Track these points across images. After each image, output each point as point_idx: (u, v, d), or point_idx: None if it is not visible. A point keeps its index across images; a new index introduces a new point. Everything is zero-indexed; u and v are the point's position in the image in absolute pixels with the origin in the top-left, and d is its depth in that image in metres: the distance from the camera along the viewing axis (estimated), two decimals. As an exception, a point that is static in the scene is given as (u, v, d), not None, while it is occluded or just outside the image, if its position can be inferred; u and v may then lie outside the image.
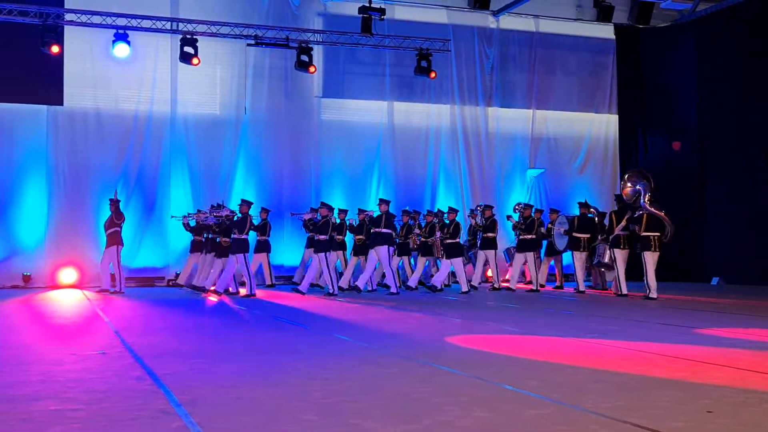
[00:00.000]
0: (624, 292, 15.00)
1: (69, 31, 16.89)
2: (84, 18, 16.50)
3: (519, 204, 17.37)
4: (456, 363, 6.57)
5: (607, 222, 15.96)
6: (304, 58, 17.80)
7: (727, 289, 17.56)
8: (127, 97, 17.92)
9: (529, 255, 16.69)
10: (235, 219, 14.60)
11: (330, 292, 14.77)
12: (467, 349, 7.68)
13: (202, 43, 17.24)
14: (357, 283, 15.60)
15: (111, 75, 17.72)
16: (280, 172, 18.91)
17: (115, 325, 9.81)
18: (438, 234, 16.26)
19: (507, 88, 20.71)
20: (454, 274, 17.51)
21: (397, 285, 15.35)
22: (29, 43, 16.26)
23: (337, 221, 16.26)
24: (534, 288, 16.58)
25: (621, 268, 15.12)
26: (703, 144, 19.86)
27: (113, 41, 16.65)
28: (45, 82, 17.01)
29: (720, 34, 19.29)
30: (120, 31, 16.61)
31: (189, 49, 17.01)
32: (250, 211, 14.88)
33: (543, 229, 17.23)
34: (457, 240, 16.09)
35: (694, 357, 6.92)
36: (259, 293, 15.17)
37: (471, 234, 18.11)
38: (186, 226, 16.59)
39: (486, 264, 17.46)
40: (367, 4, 17.57)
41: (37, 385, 5.69)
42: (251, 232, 15.14)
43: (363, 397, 5.26)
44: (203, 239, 16.19)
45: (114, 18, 16.60)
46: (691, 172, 20.09)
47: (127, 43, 16.69)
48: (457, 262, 16.07)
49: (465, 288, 15.86)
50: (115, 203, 15.49)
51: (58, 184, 17.29)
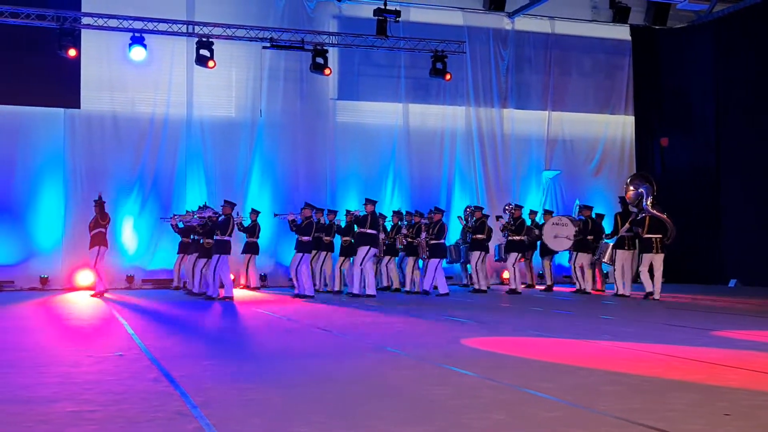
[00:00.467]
0: (622, 292, 15.17)
1: (86, 35, 17.01)
2: (101, 21, 16.61)
3: (509, 204, 17.15)
4: (471, 365, 6.55)
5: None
6: (320, 60, 17.84)
7: (744, 291, 17.44)
8: (144, 100, 18.03)
9: (517, 256, 16.39)
10: (219, 220, 14.25)
11: (304, 293, 14.52)
12: (482, 351, 7.67)
13: (218, 46, 17.31)
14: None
15: (127, 78, 17.84)
16: (295, 175, 18.96)
17: (131, 327, 9.87)
18: (423, 235, 16.04)
19: (522, 90, 20.68)
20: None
21: (363, 287, 14.97)
22: (47, 47, 16.38)
23: (326, 222, 16.23)
24: (513, 288, 16.20)
25: (620, 269, 15.32)
26: (719, 145, 19.74)
27: (130, 44, 16.75)
28: (62, 86, 17.15)
29: (737, 35, 19.18)
30: (136, 34, 16.71)
31: (205, 52, 17.09)
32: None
33: (536, 231, 17.14)
34: (442, 241, 15.80)
35: (710, 359, 6.87)
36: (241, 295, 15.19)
37: (463, 234, 17.87)
38: (174, 228, 16.32)
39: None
40: (382, 6, 17.59)
41: (55, 386, 5.73)
42: (241, 234, 14.99)
43: (376, 399, 5.26)
44: (190, 241, 15.97)
45: (130, 21, 16.70)
46: (707, 173, 19.98)
47: (144, 46, 16.78)
48: (437, 263, 15.68)
49: (444, 290, 15.54)
50: (100, 204, 15.38)
51: (75, 187, 17.41)
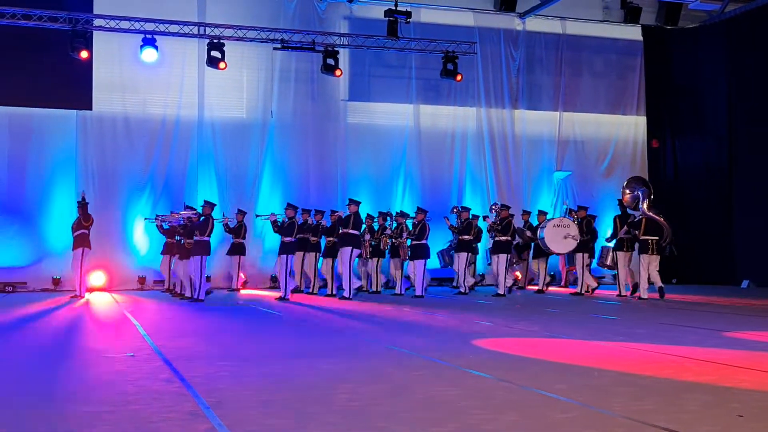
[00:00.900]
0: (624, 293, 15.50)
1: (98, 37, 17.08)
2: (113, 23, 16.68)
3: (495, 204, 16.94)
4: (483, 366, 6.55)
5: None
6: (330, 61, 17.86)
7: (756, 291, 17.35)
8: (155, 101, 18.09)
9: (503, 257, 16.02)
10: (198, 221, 14.09)
11: (282, 296, 14.44)
12: (494, 352, 7.66)
13: (229, 47, 17.35)
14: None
15: (139, 80, 17.90)
16: (306, 176, 18.98)
17: (143, 327, 9.90)
18: (404, 235, 15.86)
19: (533, 91, 20.64)
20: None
21: (351, 289, 14.80)
22: (59, 49, 16.45)
23: (314, 222, 16.21)
24: (501, 293, 15.82)
25: (622, 271, 15.67)
26: (731, 145, 19.65)
27: (141, 46, 16.80)
28: (74, 87, 17.22)
29: (749, 34, 19.08)
30: (148, 36, 16.76)
31: (216, 53, 17.13)
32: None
33: (528, 234, 17.03)
34: (423, 241, 15.62)
35: (722, 360, 6.85)
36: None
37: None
38: (160, 229, 15.95)
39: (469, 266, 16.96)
40: (393, 7, 17.59)
41: (69, 386, 5.76)
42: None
43: (390, 400, 5.26)
44: (175, 241, 15.63)
45: (142, 23, 16.76)
46: (719, 173, 19.90)
47: (155, 48, 16.83)
48: (420, 264, 15.54)
49: (419, 292, 15.41)
50: (83, 205, 15.33)
51: (87, 188, 17.42)
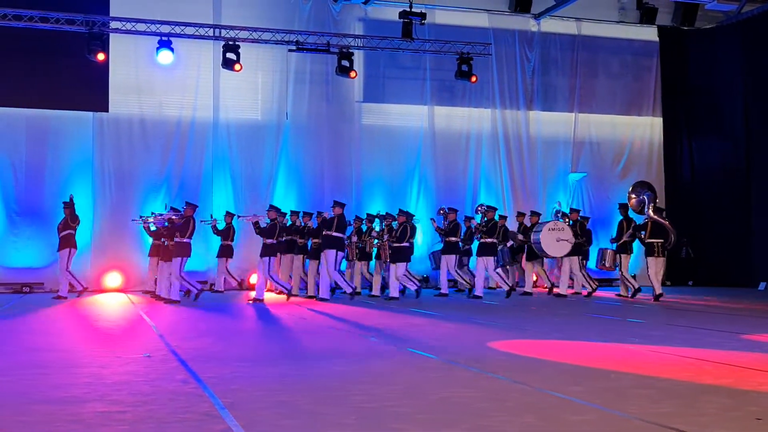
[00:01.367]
0: (625, 294, 15.86)
1: (114, 39, 17.15)
2: (129, 26, 16.76)
3: (482, 205, 16.79)
4: (499, 368, 6.53)
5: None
6: (345, 63, 17.86)
7: (774, 294, 17.23)
8: (171, 103, 18.15)
9: (489, 260, 15.84)
10: (178, 223, 13.96)
11: (259, 297, 14.28)
12: (509, 354, 7.64)
13: (244, 49, 17.39)
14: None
15: (155, 81, 17.98)
16: (321, 177, 18.99)
17: (159, 328, 9.94)
18: (385, 237, 15.66)
19: (548, 92, 20.56)
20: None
21: (327, 291, 14.66)
22: (76, 51, 16.53)
23: (302, 224, 16.11)
24: (475, 294, 15.66)
25: (625, 272, 16.11)
26: (749, 146, 19.52)
27: (157, 48, 16.86)
28: (91, 89, 17.30)
29: (766, 35, 18.94)
30: (164, 38, 16.82)
31: (231, 55, 17.17)
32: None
33: (520, 237, 16.86)
34: (404, 244, 15.39)
35: (740, 363, 6.80)
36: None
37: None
38: (147, 230, 15.72)
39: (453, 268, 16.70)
40: (408, 9, 17.58)
41: (85, 387, 5.79)
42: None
43: (405, 401, 5.25)
44: (160, 243, 15.26)
45: (158, 25, 16.82)
46: (737, 174, 19.77)
47: (171, 50, 16.89)
48: (401, 266, 15.30)
49: (394, 293, 15.23)
50: (70, 206, 15.34)
51: (104, 190, 17.58)
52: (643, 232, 15.65)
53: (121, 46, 17.45)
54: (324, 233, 14.71)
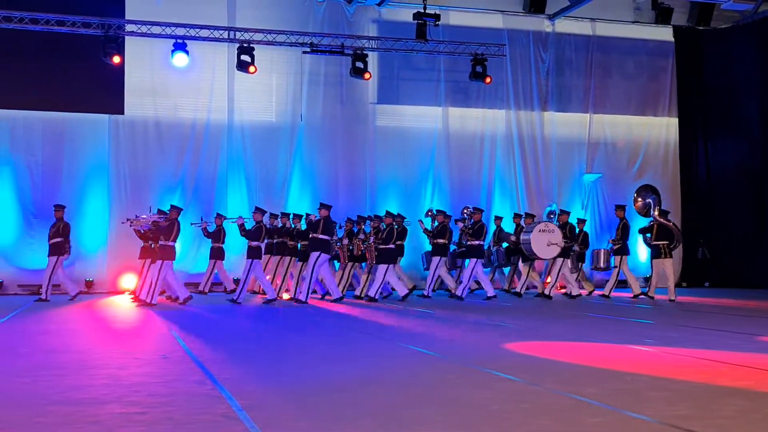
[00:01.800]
0: (637, 292, 16.22)
1: (130, 42, 17.26)
2: (144, 29, 16.84)
3: (467, 208, 16.66)
4: (514, 369, 6.52)
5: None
6: (359, 64, 17.88)
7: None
8: (186, 105, 18.25)
9: (476, 262, 15.71)
10: (162, 225, 13.91)
11: (234, 299, 14.35)
12: (525, 356, 7.62)
13: (259, 51, 17.45)
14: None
15: (170, 84, 18.07)
16: (335, 179, 19.02)
17: (175, 329, 9.98)
18: (371, 239, 15.59)
19: (563, 92, 20.51)
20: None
21: (307, 294, 14.50)
22: (91, 54, 16.64)
23: (292, 226, 16.05)
24: (457, 295, 15.62)
25: (628, 274, 16.46)
26: (765, 146, 19.40)
27: (172, 51, 16.95)
28: (107, 92, 17.42)
29: (783, 34, 18.85)
30: (179, 40, 16.90)
31: (246, 57, 17.23)
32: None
33: (512, 237, 16.81)
34: (390, 245, 15.28)
35: (758, 365, 6.76)
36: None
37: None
38: (137, 233, 15.64)
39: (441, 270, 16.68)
40: (422, 10, 17.58)
41: (103, 388, 5.82)
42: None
43: (421, 403, 5.25)
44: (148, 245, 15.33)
45: (173, 28, 16.90)
46: (753, 175, 19.64)
47: (186, 52, 16.97)
48: (385, 268, 15.18)
49: (374, 294, 15.15)
50: (61, 209, 15.39)
51: (119, 192, 17.68)
52: (648, 235, 16.10)
53: (137, 49, 17.55)
54: (311, 236, 14.63)
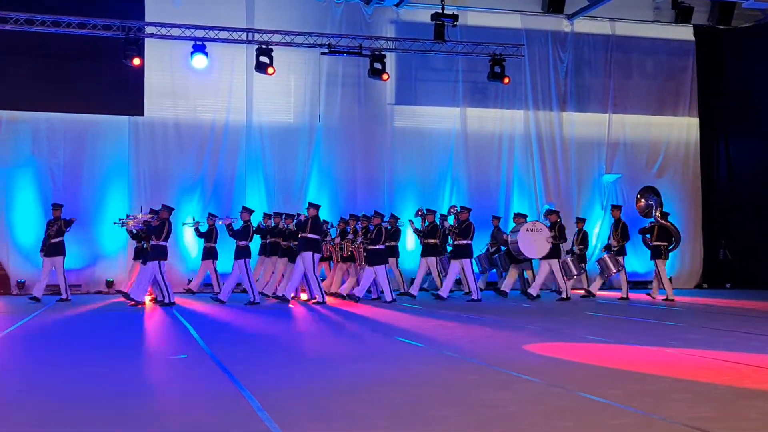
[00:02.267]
0: (625, 295, 16.22)
1: (149, 44, 17.34)
2: (164, 31, 16.92)
3: (454, 206, 16.51)
4: (534, 371, 6.50)
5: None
6: (377, 65, 17.87)
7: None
8: (205, 106, 18.32)
9: (465, 262, 15.58)
10: (153, 225, 13.90)
11: (251, 300, 14.31)
12: (545, 357, 7.59)
13: (277, 52, 17.49)
14: (284, 293, 14.77)
15: (189, 85, 18.15)
16: (353, 179, 19.03)
17: (195, 329, 10.02)
18: (359, 239, 15.43)
19: (582, 93, 20.40)
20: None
21: (323, 294, 14.53)
22: (112, 56, 16.75)
23: (285, 227, 15.94)
24: (441, 295, 15.46)
25: (622, 275, 16.57)
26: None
27: (192, 52, 17.01)
28: (127, 94, 17.51)
29: (805, 33, 18.66)
30: (198, 42, 16.95)
31: (264, 58, 17.27)
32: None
33: (505, 236, 16.66)
34: (379, 246, 15.11)
35: (782, 367, 6.70)
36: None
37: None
38: (130, 233, 15.59)
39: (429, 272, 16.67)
40: (440, 11, 17.55)
41: (124, 387, 5.85)
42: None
43: (439, 404, 5.25)
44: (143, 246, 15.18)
45: (192, 30, 16.97)
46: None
47: (205, 54, 17.02)
48: (380, 269, 15.06)
49: (359, 294, 15.07)
50: (59, 208, 15.37)
51: (139, 192, 17.77)
52: (648, 236, 16.18)
53: (157, 51, 17.64)
54: (300, 235, 14.56)
